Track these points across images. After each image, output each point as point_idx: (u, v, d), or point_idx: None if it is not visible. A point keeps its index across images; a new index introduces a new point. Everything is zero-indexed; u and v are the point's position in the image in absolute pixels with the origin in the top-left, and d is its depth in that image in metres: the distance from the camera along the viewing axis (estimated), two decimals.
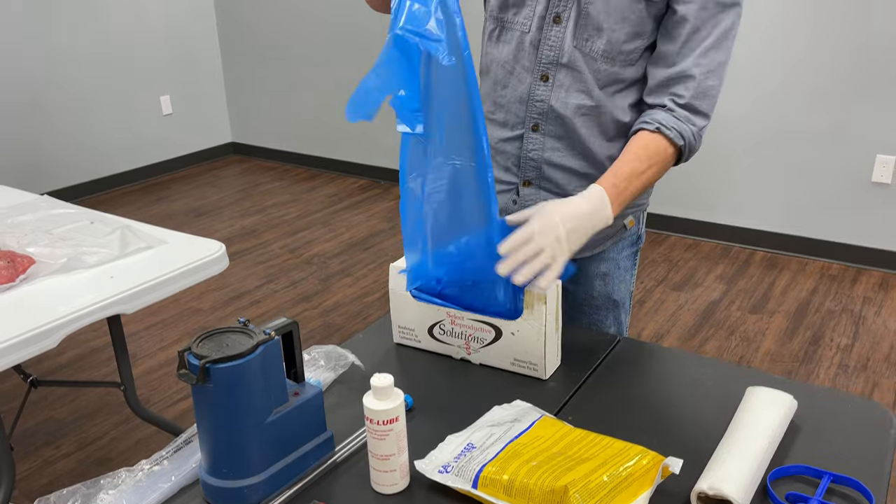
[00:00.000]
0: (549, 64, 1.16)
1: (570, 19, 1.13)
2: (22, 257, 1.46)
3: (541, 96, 1.19)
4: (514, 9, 1.17)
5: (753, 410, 0.95)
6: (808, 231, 3.21)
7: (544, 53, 1.16)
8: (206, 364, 0.82)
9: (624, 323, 1.36)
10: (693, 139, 1.12)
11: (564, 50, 1.14)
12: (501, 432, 0.93)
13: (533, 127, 1.21)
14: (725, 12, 1.09)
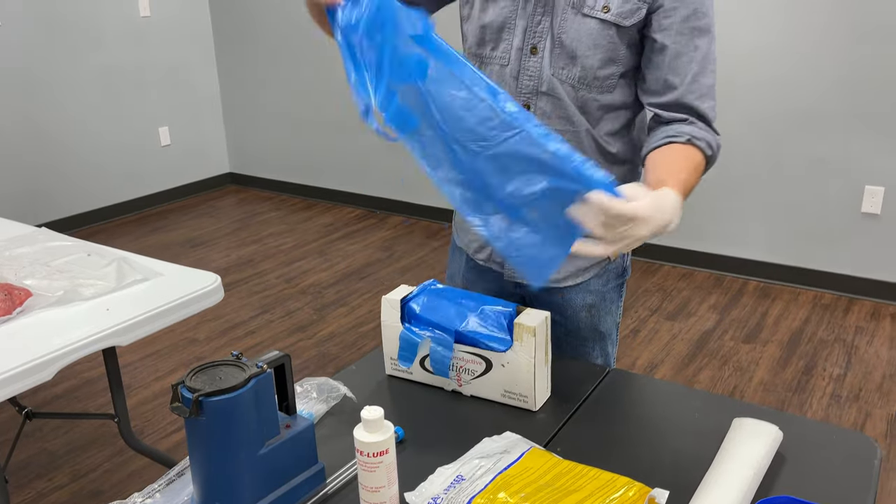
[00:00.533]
0: (529, 93, 1.20)
1: (545, 49, 1.17)
2: (19, 290, 1.48)
3: None
4: (492, 44, 1.21)
5: (739, 442, 0.96)
6: (800, 261, 3.24)
7: (524, 83, 1.19)
8: (199, 397, 0.83)
9: (611, 354, 1.38)
10: (717, 149, 1.17)
11: (543, 79, 1.18)
12: (491, 464, 0.94)
13: None
14: (701, 37, 1.13)
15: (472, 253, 1.36)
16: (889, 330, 2.85)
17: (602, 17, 1.11)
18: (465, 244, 1.38)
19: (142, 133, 4.52)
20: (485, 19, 1.20)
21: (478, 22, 1.21)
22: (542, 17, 1.15)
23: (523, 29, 1.17)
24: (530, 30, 1.16)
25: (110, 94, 4.33)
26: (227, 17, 4.73)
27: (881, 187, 2.99)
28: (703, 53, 1.14)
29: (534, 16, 1.15)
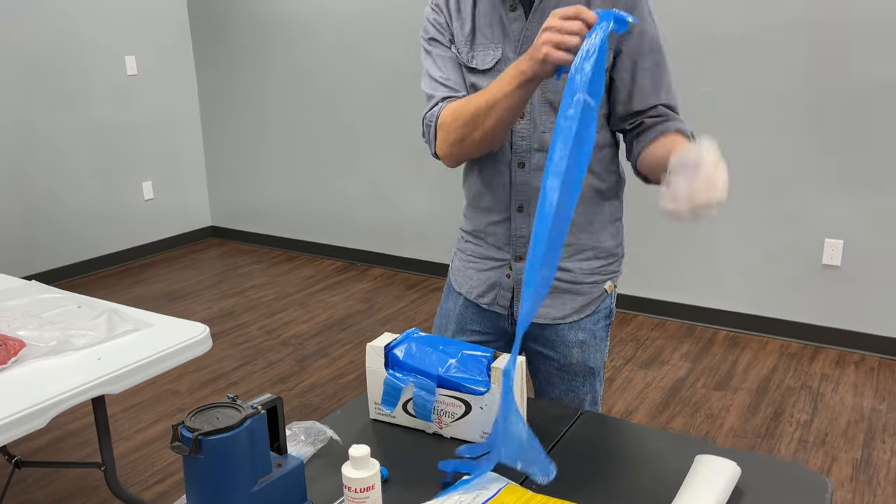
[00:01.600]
0: (523, 152, 1.33)
1: (531, 111, 1.30)
2: (14, 340, 1.53)
3: (522, 180, 1.34)
4: None
5: (700, 476, 1.04)
6: (767, 311, 3.36)
7: (517, 144, 1.32)
8: (198, 436, 0.89)
9: (598, 391, 1.47)
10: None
11: (533, 137, 1.31)
12: (470, 499, 1.00)
13: (518, 208, 1.36)
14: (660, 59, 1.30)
15: (474, 297, 1.46)
16: (853, 377, 2.96)
17: None
18: (466, 289, 1.47)
19: (126, 187, 4.59)
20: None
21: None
22: None
23: None
24: None
25: (97, 149, 4.41)
26: (212, 76, 4.87)
27: (840, 240, 3.14)
28: (663, 68, 1.31)
29: None
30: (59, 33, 4.15)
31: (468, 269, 1.47)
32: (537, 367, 1.48)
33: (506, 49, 1.31)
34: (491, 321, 1.45)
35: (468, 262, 1.47)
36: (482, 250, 1.44)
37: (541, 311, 1.40)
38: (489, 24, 1.31)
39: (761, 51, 3.14)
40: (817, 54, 3.03)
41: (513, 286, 1.42)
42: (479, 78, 1.34)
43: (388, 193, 4.32)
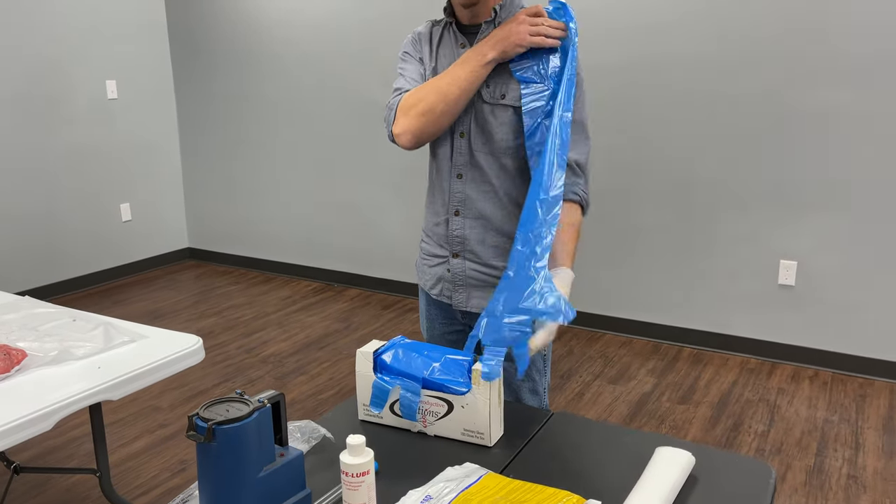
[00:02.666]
0: (461, 166, 1.57)
1: (469, 132, 1.55)
2: (16, 350, 1.60)
3: (458, 189, 1.58)
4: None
5: (659, 464, 1.16)
6: (728, 329, 3.53)
7: (456, 158, 1.57)
8: (213, 426, 0.99)
9: (538, 382, 1.65)
10: (587, 197, 1.56)
11: (469, 154, 1.55)
12: (454, 485, 1.11)
13: (455, 212, 1.59)
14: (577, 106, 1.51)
15: (427, 289, 1.69)
16: (808, 391, 3.13)
17: (500, 103, 1.51)
18: (423, 283, 1.70)
19: (104, 209, 4.64)
20: None
21: None
22: (465, 109, 1.53)
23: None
24: (459, 118, 1.54)
25: (76, 171, 4.46)
26: (191, 100, 4.97)
27: (794, 261, 3.33)
28: (579, 120, 1.52)
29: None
30: (42, 58, 4.22)
31: (423, 265, 1.70)
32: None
33: None
34: (449, 312, 1.67)
35: (422, 258, 1.71)
36: (429, 248, 1.67)
37: (474, 301, 1.62)
38: (446, 57, 1.57)
39: (719, 75, 3.35)
40: (773, 79, 3.25)
41: (452, 280, 1.63)
42: None
43: (363, 216, 4.44)
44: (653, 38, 3.46)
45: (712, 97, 3.38)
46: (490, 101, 1.51)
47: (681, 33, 3.39)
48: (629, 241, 3.66)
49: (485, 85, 1.51)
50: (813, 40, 3.13)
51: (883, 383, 3.18)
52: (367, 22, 4.20)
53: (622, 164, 3.62)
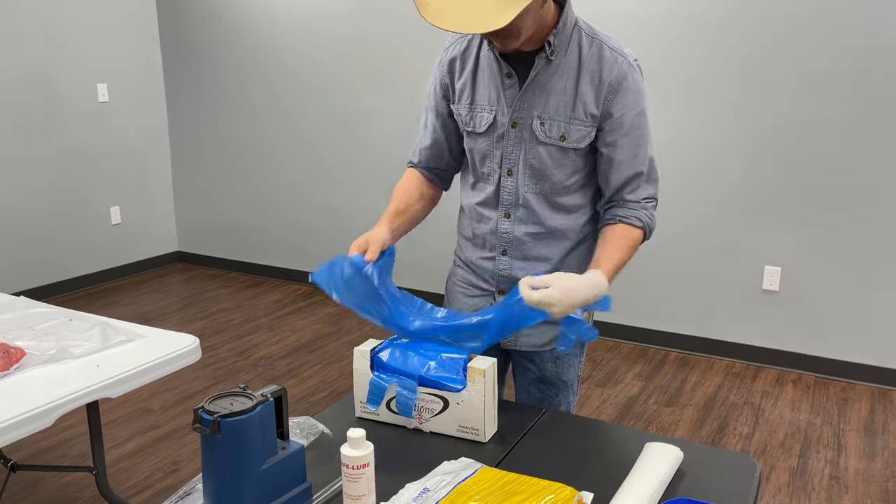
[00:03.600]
0: (508, 206, 1.50)
1: (518, 172, 1.46)
2: (15, 349, 1.62)
3: (506, 229, 1.52)
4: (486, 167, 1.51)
5: (649, 459, 1.20)
6: (714, 333, 3.59)
7: (503, 198, 1.50)
8: (218, 418, 1.02)
9: (572, 402, 1.64)
10: (651, 222, 1.47)
11: (517, 193, 1.48)
12: (451, 478, 1.15)
13: (502, 252, 1.53)
14: (642, 142, 1.43)
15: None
16: (791, 394, 3.19)
17: (559, 145, 1.42)
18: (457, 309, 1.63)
19: (93, 212, 4.64)
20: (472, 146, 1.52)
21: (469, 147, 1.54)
22: (513, 147, 1.45)
23: (500, 156, 1.47)
24: (506, 157, 1.46)
25: (67, 173, 4.46)
26: (182, 104, 4.98)
27: (778, 267, 3.40)
28: (645, 155, 1.44)
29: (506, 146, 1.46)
30: (34, 61, 4.22)
31: (457, 293, 1.65)
32: (519, 375, 1.65)
33: (498, 113, 1.44)
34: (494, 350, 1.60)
35: (458, 286, 1.65)
36: (472, 279, 1.61)
37: (522, 339, 1.57)
38: (486, 86, 1.44)
39: (702, 87, 3.41)
40: (751, 89, 3.32)
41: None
42: (474, 140, 1.49)
43: (354, 220, 4.46)
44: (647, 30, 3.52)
45: (694, 105, 3.44)
46: (546, 142, 1.42)
47: (662, 47, 3.45)
48: None
49: (538, 121, 1.41)
50: (789, 56, 3.20)
51: (864, 387, 3.25)
52: (359, 24, 4.24)
53: None
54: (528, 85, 1.41)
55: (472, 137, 1.50)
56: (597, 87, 1.38)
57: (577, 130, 1.40)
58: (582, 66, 1.38)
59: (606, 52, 1.38)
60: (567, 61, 1.39)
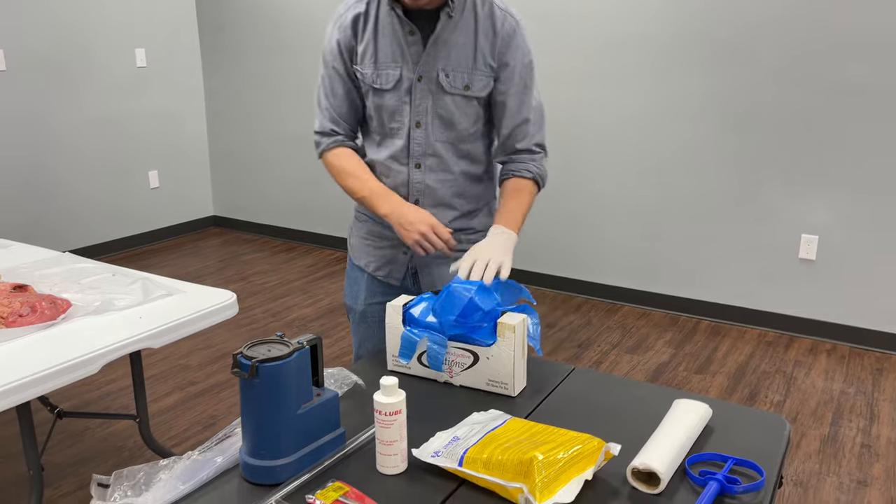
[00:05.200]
0: (419, 156, 1.60)
1: (427, 123, 1.57)
2: (62, 300, 1.68)
3: (418, 179, 1.62)
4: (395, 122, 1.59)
5: (676, 413, 1.22)
6: (747, 302, 3.55)
7: (413, 150, 1.59)
8: (256, 363, 1.06)
9: None
10: (541, 171, 1.63)
11: (427, 144, 1.59)
12: (480, 427, 1.18)
13: (415, 201, 1.63)
14: (530, 85, 1.58)
15: (371, 271, 1.72)
16: (825, 364, 3.15)
17: (464, 94, 1.55)
18: (363, 264, 1.73)
19: (132, 176, 4.73)
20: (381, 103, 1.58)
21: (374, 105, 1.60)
22: (421, 99, 1.55)
23: (409, 110, 1.56)
24: (414, 110, 1.56)
25: (106, 138, 4.55)
26: (218, 69, 5.02)
27: (815, 236, 3.34)
28: (531, 103, 1.59)
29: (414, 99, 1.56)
30: (72, 27, 4.29)
31: (366, 246, 1.73)
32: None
33: (403, 69, 1.54)
34: (392, 289, 1.71)
35: (365, 239, 1.73)
36: (380, 230, 1.68)
37: (435, 280, 1.69)
38: (389, 44, 1.54)
39: (739, 51, 3.34)
40: (793, 54, 3.23)
41: (407, 262, 1.68)
42: (381, 97, 1.57)
43: None
44: (687, 13, 3.44)
45: (735, 69, 3.37)
46: (452, 92, 1.54)
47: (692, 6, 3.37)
48: (650, 213, 3.68)
49: (443, 74, 1.53)
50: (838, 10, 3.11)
51: None
52: None
53: (645, 135, 3.63)
54: (432, 40, 1.52)
55: (380, 95, 1.57)
56: (492, 40, 1.54)
57: (479, 80, 1.54)
58: (478, 22, 1.53)
59: (497, 10, 1.55)
60: (465, 18, 1.52)
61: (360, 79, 1.57)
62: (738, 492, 1.06)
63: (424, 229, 1.49)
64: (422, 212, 1.52)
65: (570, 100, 3.78)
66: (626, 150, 3.69)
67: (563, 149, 3.83)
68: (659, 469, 1.06)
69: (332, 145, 1.63)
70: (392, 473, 1.11)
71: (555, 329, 3.51)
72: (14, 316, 1.60)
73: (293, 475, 1.09)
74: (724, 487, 1.07)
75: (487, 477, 1.05)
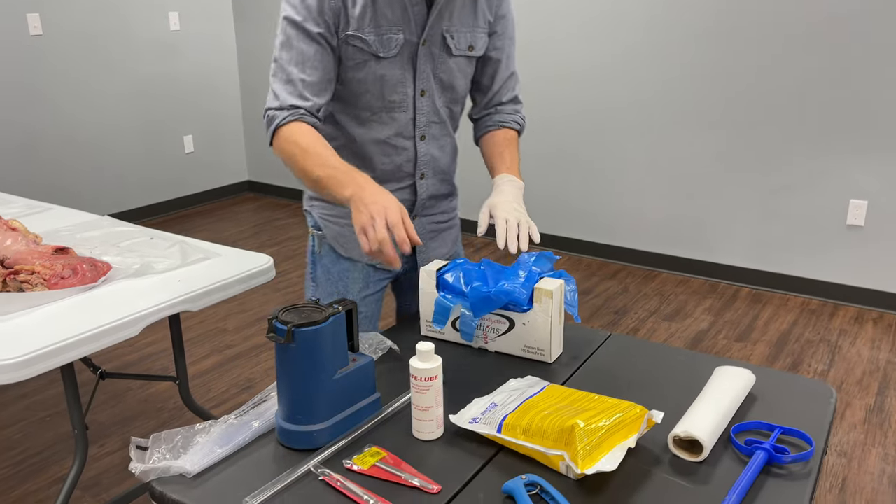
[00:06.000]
0: (424, 126, 1.48)
1: (432, 90, 1.46)
2: (102, 263, 1.70)
3: (424, 151, 1.51)
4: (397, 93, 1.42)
5: (719, 380, 1.18)
6: (790, 269, 3.46)
7: (419, 120, 1.47)
8: (292, 328, 1.05)
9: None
10: (524, 123, 1.61)
11: (432, 112, 1.48)
12: (518, 394, 1.16)
13: (421, 176, 1.53)
14: (513, 45, 1.55)
15: (368, 261, 1.53)
16: (871, 333, 3.07)
17: (468, 55, 1.47)
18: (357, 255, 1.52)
19: (168, 140, 4.77)
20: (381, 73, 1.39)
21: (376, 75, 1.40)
22: (425, 65, 1.42)
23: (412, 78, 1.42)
24: (419, 77, 1.43)
25: (141, 103, 4.58)
26: (251, 33, 4.99)
27: (864, 201, 3.22)
28: (514, 56, 1.57)
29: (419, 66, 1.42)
30: None
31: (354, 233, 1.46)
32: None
33: (406, 32, 1.37)
34: (390, 274, 1.59)
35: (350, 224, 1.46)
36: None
37: (431, 254, 1.61)
38: (389, 6, 1.33)
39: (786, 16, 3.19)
40: (845, 10, 3.08)
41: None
42: (381, 66, 1.37)
43: None
44: None
45: (780, 29, 3.23)
46: (458, 54, 1.44)
47: None
48: (689, 178, 3.59)
49: (449, 36, 1.41)
50: None
51: None
52: None
53: (685, 97, 3.52)
54: (437, 5, 1.37)
55: (381, 64, 1.37)
56: None
57: (480, 38, 1.47)
58: None
59: None
60: None
61: (359, 47, 1.34)
62: (787, 461, 1.03)
63: (377, 210, 1.17)
64: (388, 195, 1.22)
65: (602, 60, 3.68)
66: (665, 112, 3.58)
67: (594, 112, 3.74)
68: (702, 437, 1.03)
69: (290, 119, 1.33)
70: (428, 439, 1.10)
71: (591, 296, 3.47)
72: (56, 278, 1.62)
73: (329, 440, 1.09)
74: (771, 457, 1.04)
75: (527, 444, 1.03)
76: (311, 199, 1.58)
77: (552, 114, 3.93)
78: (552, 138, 3.96)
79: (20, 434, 2.36)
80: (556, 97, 3.89)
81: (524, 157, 1.61)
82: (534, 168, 3.99)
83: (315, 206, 1.57)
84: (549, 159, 4.01)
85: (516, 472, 1.01)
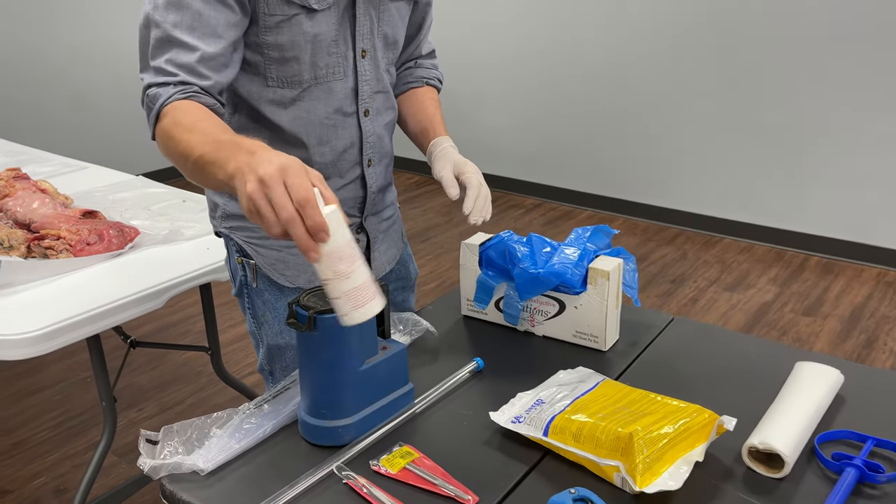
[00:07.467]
0: (368, 98, 1.19)
1: (374, 48, 1.17)
2: (129, 228, 1.63)
3: (370, 130, 1.22)
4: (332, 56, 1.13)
5: (801, 380, 1.03)
6: (865, 237, 3.20)
7: (362, 90, 1.17)
8: (314, 314, 0.94)
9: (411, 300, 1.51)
10: (443, 78, 1.42)
11: (378, 76, 1.20)
12: (568, 390, 1.03)
13: (368, 163, 1.24)
14: None
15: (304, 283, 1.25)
16: None
17: None
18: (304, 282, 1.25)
19: None
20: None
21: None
22: (363, 17, 1.14)
23: (350, 35, 1.13)
24: (358, 33, 1.14)
25: None
26: None
27: None
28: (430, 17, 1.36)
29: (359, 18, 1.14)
30: None
31: (298, 257, 1.21)
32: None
33: None
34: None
35: (292, 248, 1.21)
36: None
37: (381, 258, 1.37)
38: None
39: None
40: None
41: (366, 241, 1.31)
42: (310, 24, 1.08)
43: (463, 109, 4.27)
44: None
45: None
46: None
47: None
48: (753, 138, 3.34)
49: None
50: None
51: None
52: None
53: (753, 57, 3.24)
54: None
55: (313, 19, 1.08)
56: None
57: None
58: None
59: None
60: None
61: (281, 2, 1.05)
62: (882, 481, 0.88)
63: (270, 173, 0.76)
64: (289, 156, 0.80)
65: (655, 20, 3.42)
66: (728, 67, 3.31)
67: (646, 70, 3.50)
68: (783, 450, 0.89)
69: (178, 96, 0.98)
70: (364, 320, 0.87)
71: (646, 263, 3.29)
72: (82, 244, 1.55)
73: (356, 437, 0.99)
74: (863, 475, 0.89)
75: (578, 451, 0.90)
76: (227, 218, 1.23)
77: (614, 71, 3.69)
78: (610, 95, 3.74)
79: (60, 395, 2.36)
80: (612, 50, 3.65)
81: (584, 115, 1.45)
82: (590, 128, 3.78)
83: (234, 228, 1.22)
84: (605, 118, 3.79)
85: (564, 482, 0.89)
